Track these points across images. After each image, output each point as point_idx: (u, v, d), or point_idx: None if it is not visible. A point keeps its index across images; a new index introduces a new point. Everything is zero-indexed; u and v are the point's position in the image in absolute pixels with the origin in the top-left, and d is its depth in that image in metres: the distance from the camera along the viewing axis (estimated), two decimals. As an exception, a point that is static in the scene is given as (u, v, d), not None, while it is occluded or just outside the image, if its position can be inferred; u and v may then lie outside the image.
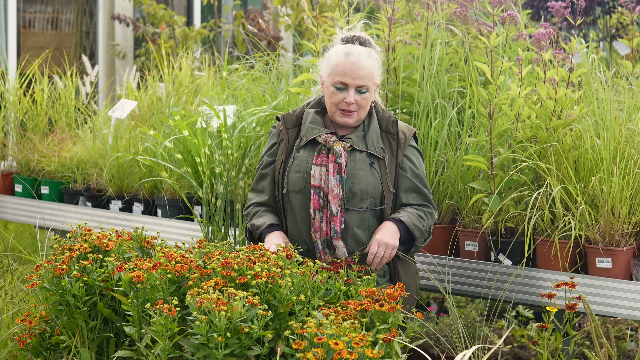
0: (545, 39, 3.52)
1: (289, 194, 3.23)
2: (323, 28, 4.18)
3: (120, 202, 4.77)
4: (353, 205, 3.19)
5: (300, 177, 3.21)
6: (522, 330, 4.73)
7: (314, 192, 3.17)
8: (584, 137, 3.48)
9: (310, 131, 3.25)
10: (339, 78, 3.19)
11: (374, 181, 3.20)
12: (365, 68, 3.19)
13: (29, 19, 8.13)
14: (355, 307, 2.74)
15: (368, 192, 3.19)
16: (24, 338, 3.05)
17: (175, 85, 5.27)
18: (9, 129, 5.52)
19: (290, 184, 3.23)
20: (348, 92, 3.19)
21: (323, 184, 3.17)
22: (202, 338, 2.55)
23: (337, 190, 3.15)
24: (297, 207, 3.23)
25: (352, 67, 3.18)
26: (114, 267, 2.93)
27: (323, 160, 3.19)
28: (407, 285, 3.24)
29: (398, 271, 3.27)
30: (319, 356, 2.47)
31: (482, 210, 3.68)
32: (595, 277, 3.35)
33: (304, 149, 3.26)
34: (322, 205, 3.16)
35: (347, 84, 3.19)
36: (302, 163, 3.23)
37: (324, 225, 3.17)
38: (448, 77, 4.05)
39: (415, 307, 3.33)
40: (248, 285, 2.74)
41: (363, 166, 3.21)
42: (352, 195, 3.18)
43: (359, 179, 3.19)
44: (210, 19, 8.23)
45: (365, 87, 3.20)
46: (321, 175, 3.17)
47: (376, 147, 3.24)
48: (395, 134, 3.26)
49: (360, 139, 3.24)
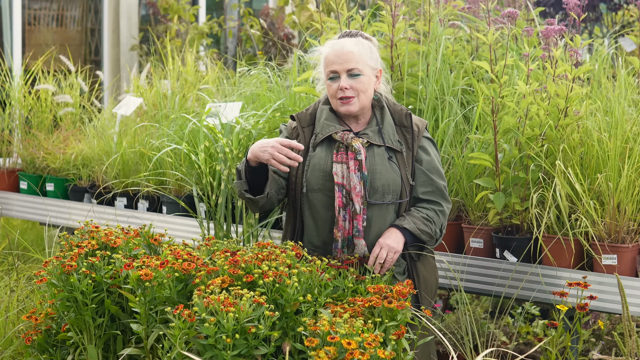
0: (556, 35, 3.51)
1: (309, 194, 3.21)
2: (328, 25, 4.18)
3: (125, 199, 4.78)
4: (376, 200, 3.17)
5: (320, 176, 3.19)
6: (527, 327, 4.73)
7: (338, 189, 3.15)
8: (592, 133, 3.47)
9: (326, 128, 3.23)
10: (329, 68, 3.19)
11: (394, 175, 3.19)
12: (350, 52, 3.17)
13: (34, 16, 8.13)
14: (364, 303, 2.74)
15: (389, 187, 3.18)
16: (30, 335, 3.05)
17: (180, 82, 5.27)
18: (14, 126, 5.52)
19: (309, 183, 3.21)
20: (340, 79, 3.18)
21: (345, 181, 3.15)
22: (210, 339, 2.54)
23: (359, 188, 3.14)
24: (317, 206, 3.20)
25: (337, 52, 3.18)
26: (121, 264, 2.93)
27: (343, 158, 3.17)
28: (426, 280, 3.24)
29: (417, 266, 3.25)
30: (331, 355, 2.46)
31: (487, 207, 3.68)
32: (602, 274, 3.35)
33: (320, 147, 3.24)
34: (345, 203, 3.15)
35: (337, 71, 3.18)
36: (320, 162, 3.21)
37: (347, 223, 3.15)
38: (454, 74, 4.05)
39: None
40: (255, 284, 2.74)
41: (382, 161, 3.19)
42: (374, 191, 3.17)
43: (380, 174, 3.18)
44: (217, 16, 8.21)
45: (356, 70, 3.17)
46: (343, 173, 3.16)
47: (393, 141, 3.23)
48: (410, 127, 3.25)
49: (376, 134, 3.23)
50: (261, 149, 3.08)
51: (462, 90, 4.03)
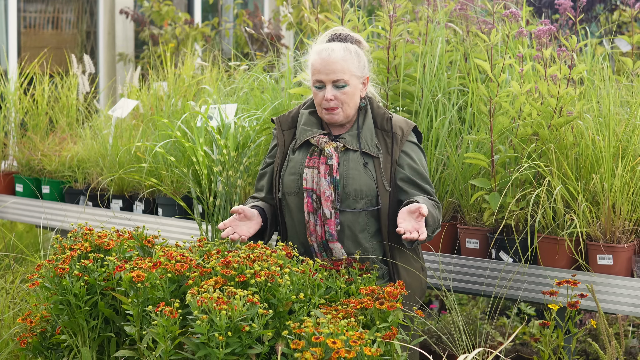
0: (546, 36, 3.52)
1: (285, 197, 3.20)
2: (324, 25, 4.17)
3: (121, 201, 4.77)
4: (347, 206, 3.14)
5: (294, 180, 3.18)
6: (523, 327, 4.73)
7: (307, 195, 3.13)
8: (585, 134, 3.47)
9: (304, 133, 3.21)
10: (315, 77, 3.16)
11: (368, 181, 3.14)
12: (337, 62, 3.13)
13: (29, 19, 8.13)
14: (355, 305, 2.73)
15: (362, 192, 3.14)
16: (25, 338, 3.04)
17: (177, 84, 5.26)
18: (9, 129, 5.52)
19: (285, 187, 3.20)
20: (325, 89, 3.15)
21: (315, 186, 3.13)
22: (203, 337, 2.55)
23: (329, 193, 3.11)
24: (293, 210, 3.20)
25: (324, 62, 3.14)
26: (114, 266, 2.92)
27: (315, 162, 3.15)
28: (409, 286, 3.21)
29: (399, 271, 3.21)
30: (317, 355, 2.47)
31: (483, 207, 3.68)
32: (597, 274, 3.35)
33: (299, 151, 3.22)
34: (315, 208, 3.13)
35: (322, 81, 3.15)
36: (296, 165, 3.20)
37: (318, 228, 3.13)
38: (448, 74, 4.04)
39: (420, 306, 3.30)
40: (247, 284, 2.74)
41: (356, 166, 3.15)
42: (347, 196, 3.13)
43: (352, 179, 3.14)
44: (212, 18, 8.22)
45: (342, 81, 3.14)
46: (313, 178, 3.13)
47: (370, 146, 3.18)
48: (390, 131, 3.20)
49: (354, 138, 3.19)
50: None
51: (456, 91, 4.02)
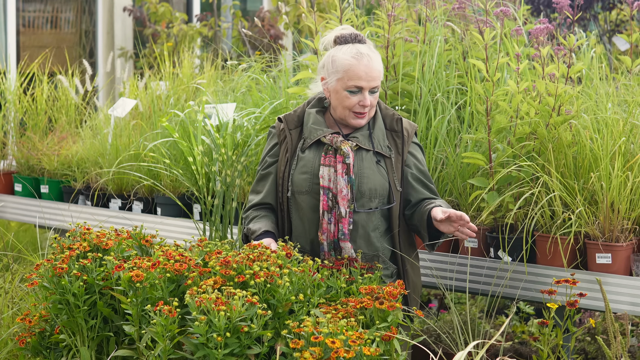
0: (543, 35, 3.52)
1: (295, 196, 3.20)
2: (322, 24, 4.17)
3: (120, 200, 4.77)
4: (362, 205, 3.16)
5: (307, 179, 3.18)
6: (523, 326, 4.73)
7: (323, 193, 3.14)
8: (583, 133, 3.47)
9: (314, 132, 3.22)
10: (354, 82, 3.14)
11: (381, 180, 3.18)
12: (377, 69, 3.15)
13: (28, 18, 8.13)
14: (355, 304, 2.74)
15: (376, 191, 3.17)
16: (24, 337, 3.04)
17: (176, 84, 5.27)
18: (8, 128, 5.52)
19: (296, 186, 3.20)
20: (363, 95, 3.15)
21: (332, 185, 3.14)
22: (201, 338, 2.54)
23: (345, 192, 3.12)
24: (304, 209, 3.19)
25: (367, 69, 3.13)
26: (113, 266, 2.92)
27: (331, 161, 3.16)
28: (415, 283, 3.23)
29: (407, 270, 3.24)
30: (316, 355, 2.47)
31: (481, 206, 3.68)
32: (595, 273, 3.35)
33: (309, 150, 3.22)
34: (330, 206, 3.14)
35: (361, 87, 3.14)
36: (308, 164, 3.20)
37: (332, 227, 3.14)
38: (447, 73, 4.04)
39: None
40: (247, 284, 2.74)
41: (370, 165, 3.18)
42: (361, 195, 3.16)
43: (367, 178, 3.16)
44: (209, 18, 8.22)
45: (377, 87, 3.17)
46: (330, 176, 3.15)
47: (382, 146, 3.21)
48: (400, 132, 3.23)
49: (366, 138, 3.21)
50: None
51: (455, 90, 4.02)
